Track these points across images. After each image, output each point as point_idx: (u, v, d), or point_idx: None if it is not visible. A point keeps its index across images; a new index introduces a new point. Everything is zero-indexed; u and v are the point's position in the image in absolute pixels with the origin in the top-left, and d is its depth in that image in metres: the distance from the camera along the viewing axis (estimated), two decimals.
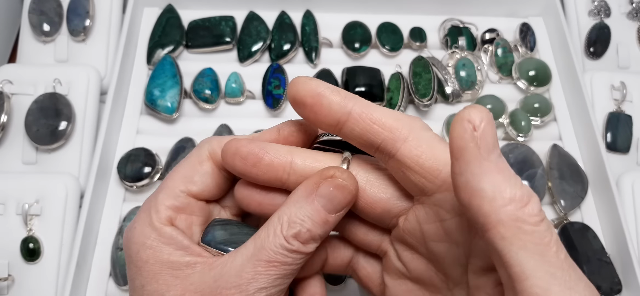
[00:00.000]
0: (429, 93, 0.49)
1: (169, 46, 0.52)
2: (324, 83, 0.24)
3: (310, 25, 0.54)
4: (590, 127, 0.48)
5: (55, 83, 0.49)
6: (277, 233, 0.24)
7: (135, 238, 0.25)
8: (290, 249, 0.24)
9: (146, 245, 0.25)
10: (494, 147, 0.19)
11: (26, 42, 0.53)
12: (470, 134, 0.19)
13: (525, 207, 0.19)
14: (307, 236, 0.24)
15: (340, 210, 0.24)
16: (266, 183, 0.25)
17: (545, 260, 0.18)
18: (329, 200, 0.24)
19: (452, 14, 0.57)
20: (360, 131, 0.23)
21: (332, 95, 0.23)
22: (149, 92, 0.49)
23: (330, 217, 0.24)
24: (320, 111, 0.23)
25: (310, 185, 0.24)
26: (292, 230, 0.24)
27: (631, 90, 0.52)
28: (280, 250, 0.23)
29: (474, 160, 0.19)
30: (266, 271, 0.23)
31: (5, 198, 0.44)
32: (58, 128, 0.47)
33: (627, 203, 0.46)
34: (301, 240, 0.24)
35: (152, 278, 0.24)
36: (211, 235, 0.26)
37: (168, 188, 0.26)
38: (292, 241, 0.24)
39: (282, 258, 0.24)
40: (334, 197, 0.24)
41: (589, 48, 0.56)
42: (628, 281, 0.42)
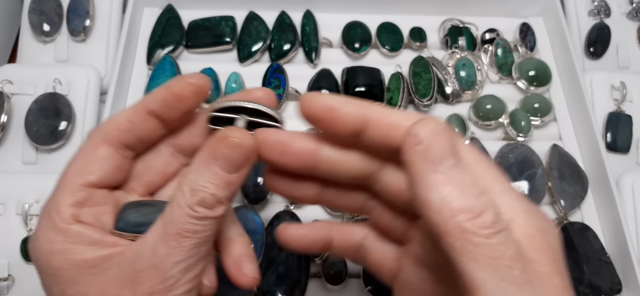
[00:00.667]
0: (429, 93, 0.49)
1: (169, 46, 0.52)
2: (333, 96, 0.24)
3: (310, 25, 0.54)
4: (590, 127, 0.48)
5: (55, 83, 0.49)
6: (181, 204, 0.23)
7: (41, 246, 0.24)
8: (197, 216, 0.23)
9: (55, 251, 0.24)
10: (444, 157, 0.20)
11: (26, 42, 0.53)
12: (414, 148, 0.20)
13: (476, 218, 0.19)
14: (212, 201, 0.23)
15: (240, 169, 0.24)
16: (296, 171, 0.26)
17: (497, 273, 0.18)
18: (227, 161, 0.24)
19: (452, 14, 0.57)
20: (380, 137, 0.23)
21: (345, 107, 0.23)
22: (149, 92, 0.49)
23: (232, 177, 0.24)
24: (336, 125, 0.24)
25: (207, 150, 0.24)
26: (195, 198, 0.23)
27: (631, 90, 0.52)
28: (189, 220, 0.23)
29: (420, 173, 0.20)
30: (179, 245, 0.23)
31: (5, 198, 0.44)
32: (58, 128, 0.47)
33: (627, 203, 0.46)
34: (207, 205, 0.23)
35: (71, 282, 0.24)
36: (124, 221, 0.25)
37: (65, 186, 0.25)
38: (198, 208, 0.23)
39: (192, 227, 0.23)
40: (231, 156, 0.24)
41: (589, 48, 0.56)
42: (628, 281, 0.42)
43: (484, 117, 0.50)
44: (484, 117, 0.50)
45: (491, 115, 0.50)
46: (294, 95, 0.51)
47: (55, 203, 0.25)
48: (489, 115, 0.50)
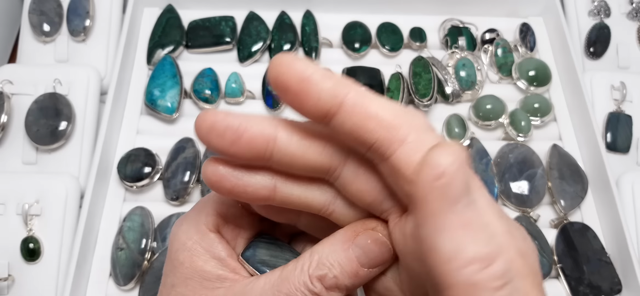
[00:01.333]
0: (429, 93, 0.49)
1: (169, 46, 0.52)
2: (312, 64, 0.19)
3: (310, 25, 0.54)
4: (590, 127, 0.48)
5: (55, 83, 0.49)
6: (304, 269, 0.22)
7: (179, 235, 0.24)
8: (311, 290, 0.22)
9: (186, 247, 0.24)
10: (463, 194, 0.17)
11: (26, 42, 0.53)
12: (434, 184, 0.16)
13: (487, 267, 0.16)
14: (332, 283, 0.22)
15: (374, 267, 0.22)
16: (247, 162, 0.21)
17: None
18: (364, 253, 0.22)
19: (452, 14, 0.57)
20: (351, 126, 0.19)
21: (322, 82, 0.19)
22: (149, 92, 0.49)
23: (361, 270, 0.22)
24: (307, 100, 0.19)
25: (350, 232, 0.22)
26: (318, 272, 0.22)
27: (631, 90, 0.52)
28: (301, 288, 0.22)
29: (436, 213, 0.17)
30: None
31: (5, 198, 0.44)
32: (58, 128, 0.47)
33: (627, 203, 0.46)
34: (325, 284, 0.22)
35: (183, 281, 0.24)
36: (252, 251, 0.25)
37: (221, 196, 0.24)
38: (316, 283, 0.22)
39: (301, 295, 0.22)
40: (371, 251, 0.22)
41: (589, 48, 0.56)
42: (628, 281, 0.42)
43: (484, 117, 0.50)
44: (484, 117, 0.50)
45: (491, 115, 0.50)
46: None
47: (208, 204, 0.25)
48: (489, 115, 0.50)
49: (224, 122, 0.20)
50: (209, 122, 0.20)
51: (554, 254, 0.44)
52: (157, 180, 0.46)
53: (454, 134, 0.49)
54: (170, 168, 0.46)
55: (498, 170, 0.47)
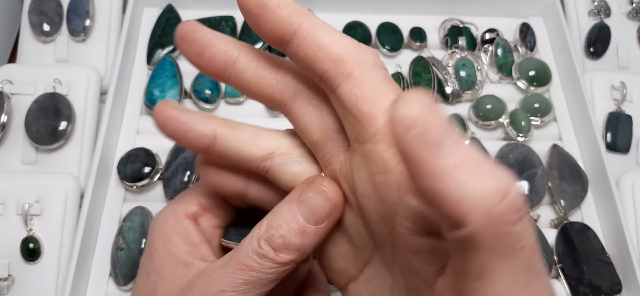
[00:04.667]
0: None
1: (169, 46, 0.52)
2: None
3: None
4: (590, 127, 0.48)
5: (55, 83, 0.49)
6: (253, 235, 0.22)
7: (158, 222, 0.25)
8: (260, 253, 0.22)
9: (162, 232, 0.25)
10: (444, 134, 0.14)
11: (26, 42, 0.53)
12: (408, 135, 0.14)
13: (503, 200, 0.14)
14: (279, 243, 0.22)
15: (320, 222, 0.22)
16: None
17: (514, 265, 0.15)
18: (308, 208, 0.22)
19: (452, 14, 0.57)
20: (303, 55, 0.20)
21: (278, 9, 0.20)
22: (149, 92, 0.49)
23: (308, 227, 0.22)
24: (263, 24, 0.20)
25: (296, 192, 0.22)
26: (266, 234, 0.22)
27: (631, 90, 0.52)
28: (251, 254, 0.22)
29: (424, 162, 0.15)
30: (232, 274, 0.22)
31: (5, 198, 0.44)
32: (58, 128, 0.47)
33: (627, 203, 0.46)
34: (273, 245, 0.22)
35: (156, 269, 0.24)
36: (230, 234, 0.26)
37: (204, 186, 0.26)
38: (264, 244, 0.22)
39: (251, 261, 0.22)
40: (314, 205, 0.22)
41: (589, 48, 0.56)
42: (628, 281, 0.42)
43: (484, 117, 0.50)
44: (484, 117, 0.50)
45: (491, 115, 0.50)
46: None
47: (189, 193, 0.26)
48: (489, 115, 0.50)
49: (195, 33, 0.22)
50: (183, 31, 0.22)
51: (554, 254, 0.44)
52: (157, 180, 0.46)
53: None
54: (170, 168, 0.46)
55: None
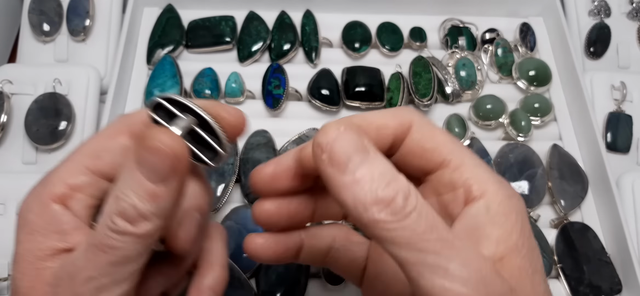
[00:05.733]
0: (429, 93, 0.49)
1: (169, 46, 0.52)
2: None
3: (310, 25, 0.54)
4: (590, 127, 0.48)
5: (55, 83, 0.49)
6: (105, 212, 0.20)
7: (22, 210, 0.23)
8: (116, 230, 0.20)
9: (27, 221, 0.23)
10: (349, 157, 0.20)
11: (26, 42, 0.53)
12: (321, 158, 0.20)
13: (387, 206, 0.19)
14: (133, 214, 0.20)
15: (165, 180, 0.20)
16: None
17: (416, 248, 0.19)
18: (149, 169, 0.20)
19: (452, 14, 0.57)
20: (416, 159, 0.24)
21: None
22: (149, 92, 0.49)
23: (157, 189, 0.20)
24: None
25: (134, 152, 0.20)
26: (117, 208, 0.20)
27: (631, 90, 0.52)
28: (107, 232, 0.20)
29: (331, 178, 0.20)
30: (95, 258, 0.20)
31: (5, 198, 0.44)
32: (58, 128, 0.47)
33: (627, 203, 0.46)
34: (127, 218, 0.20)
35: (18, 263, 0.22)
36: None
37: (71, 162, 0.24)
38: (117, 220, 0.20)
39: (109, 241, 0.20)
40: (153, 164, 0.20)
41: (589, 48, 0.56)
42: (628, 281, 0.42)
43: (484, 117, 0.50)
44: (484, 117, 0.50)
45: (491, 115, 0.50)
46: (294, 95, 0.51)
47: (54, 173, 0.24)
48: (489, 115, 0.50)
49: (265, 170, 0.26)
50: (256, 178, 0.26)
51: (554, 254, 0.44)
52: None
53: (454, 134, 0.49)
54: None
55: (498, 170, 0.47)
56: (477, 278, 0.18)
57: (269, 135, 0.47)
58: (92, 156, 0.23)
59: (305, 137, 0.47)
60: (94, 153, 0.24)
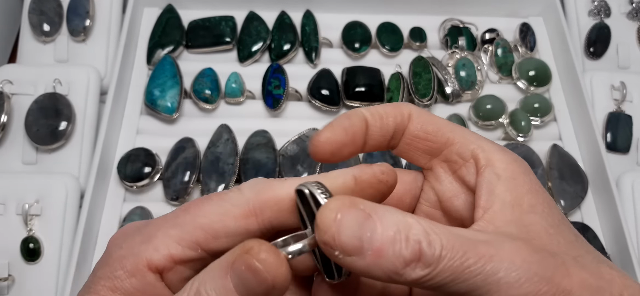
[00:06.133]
0: (429, 93, 0.49)
1: (169, 46, 0.52)
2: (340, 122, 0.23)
3: (310, 25, 0.54)
4: (590, 127, 0.48)
5: (55, 83, 0.49)
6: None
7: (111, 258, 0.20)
8: None
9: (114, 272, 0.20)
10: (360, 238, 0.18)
11: (26, 42, 0.53)
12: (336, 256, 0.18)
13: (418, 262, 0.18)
14: None
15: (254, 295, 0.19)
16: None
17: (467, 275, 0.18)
18: (241, 281, 0.19)
19: (452, 14, 0.57)
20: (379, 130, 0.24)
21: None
22: (149, 92, 0.49)
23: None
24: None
25: (229, 257, 0.19)
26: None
27: (631, 90, 0.52)
28: None
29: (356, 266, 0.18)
30: None
31: (5, 198, 0.44)
32: (58, 128, 0.47)
33: (627, 203, 0.46)
34: None
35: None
36: None
37: (184, 227, 0.21)
38: None
39: None
40: (247, 279, 0.19)
41: (589, 48, 0.56)
42: None
43: (484, 117, 0.50)
44: (484, 117, 0.50)
45: (491, 115, 0.50)
46: (294, 95, 0.51)
47: (161, 233, 0.21)
48: (489, 115, 0.50)
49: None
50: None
51: None
52: (157, 180, 0.46)
53: None
54: (170, 168, 0.46)
55: None
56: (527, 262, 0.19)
57: (269, 135, 0.47)
58: (209, 233, 0.21)
59: (305, 137, 0.47)
60: (212, 231, 0.21)
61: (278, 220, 0.21)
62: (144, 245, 0.20)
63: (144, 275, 0.20)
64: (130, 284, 0.20)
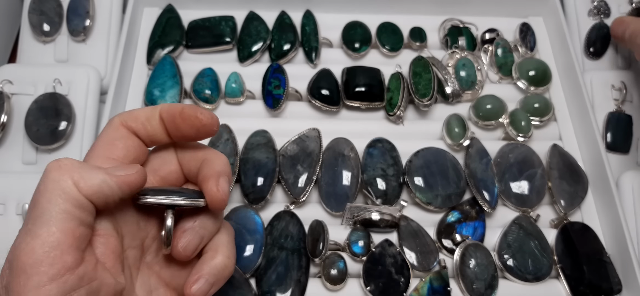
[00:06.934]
0: (429, 93, 0.49)
1: (169, 46, 0.52)
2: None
3: (310, 25, 0.54)
4: (590, 127, 0.48)
5: (55, 84, 0.49)
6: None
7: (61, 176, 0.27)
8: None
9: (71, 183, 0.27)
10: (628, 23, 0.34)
11: (26, 42, 0.53)
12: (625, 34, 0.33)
13: None
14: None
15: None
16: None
17: None
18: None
19: (452, 14, 0.57)
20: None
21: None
22: (149, 92, 0.49)
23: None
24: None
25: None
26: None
27: (631, 90, 0.52)
28: None
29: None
30: None
31: (5, 198, 0.44)
32: (58, 128, 0.47)
33: (627, 203, 0.46)
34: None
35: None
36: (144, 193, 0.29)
37: (93, 157, 0.29)
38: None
39: None
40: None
41: (588, 48, 0.56)
42: (628, 281, 0.42)
43: (484, 117, 0.50)
44: (484, 117, 0.50)
45: (491, 115, 0.50)
46: (294, 95, 0.51)
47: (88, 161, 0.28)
48: (489, 115, 0.50)
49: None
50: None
51: (554, 254, 0.44)
52: None
53: (454, 134, 0.49)
54: None
55: (498, 170, 0.47)
56: None
57: (269, 135, 0.47)
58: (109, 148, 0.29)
59: (305, 137, 0.47)
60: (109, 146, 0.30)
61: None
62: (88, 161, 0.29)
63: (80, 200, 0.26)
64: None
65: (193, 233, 0.29)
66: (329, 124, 0.49)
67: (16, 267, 0.23)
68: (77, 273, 0.24)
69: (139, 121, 0.30)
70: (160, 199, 0.28)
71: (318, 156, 0.46)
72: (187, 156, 0.31)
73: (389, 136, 0.48)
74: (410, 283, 0.42)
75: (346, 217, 0.44)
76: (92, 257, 0.26)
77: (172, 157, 0.31)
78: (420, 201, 0.45)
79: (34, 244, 0.24)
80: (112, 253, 0.27)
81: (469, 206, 0.46)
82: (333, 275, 0.42)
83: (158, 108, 0.30)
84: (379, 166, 0.46)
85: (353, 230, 0.43)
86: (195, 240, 0.29)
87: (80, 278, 0.24)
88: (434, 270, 0.43)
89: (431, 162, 0.47)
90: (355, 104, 0.50)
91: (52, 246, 0.24)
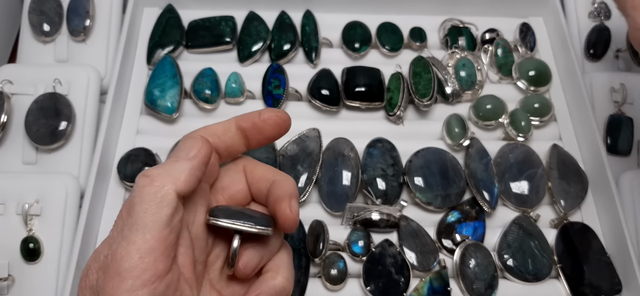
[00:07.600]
0: (429, 93, 0.49)
1: (169, 46, 0.52)
2: None
3: (310, 25, 0.54)
4: (590, 127, 0.48)
5: (55, 83, 0.49)
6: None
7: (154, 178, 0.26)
8: None
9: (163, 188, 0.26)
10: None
11: (26, 42, 0.53)
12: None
13: None
14: None
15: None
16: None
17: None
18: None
19: (452, 14, 0.57)
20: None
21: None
22: (149, 92, 0.49)
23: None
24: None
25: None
26: None
27: (631, 92, 0.52)
28: None
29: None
30: None
31: (5, 198, 0.44)
32: (58, 128, 0.47)
33: (627, 203, 0.46)
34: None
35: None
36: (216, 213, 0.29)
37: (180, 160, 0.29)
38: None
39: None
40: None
41: (588, 50, 0.56)
42: (628, 281, 0.42)
43: (484, 117, 0.50)
44: (484, 117, 0.50)
45: (491, 115, 0.50)
46: (294, 95, 0.51)
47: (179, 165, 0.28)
48: (489, 115, 0.50)
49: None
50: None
51: (554, 254, 0.44)
52: None
53: (454, 134, 0.49)
54: None
55: (498, 170, 0.47)
56: None
57: None
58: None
59: (305, 137, 0.47)
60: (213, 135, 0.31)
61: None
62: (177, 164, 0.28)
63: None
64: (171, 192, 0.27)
65: (254, 252, 0.29)
66: (329, 124, 0.49)
67: (112, 270, 0.24)
68: (165, 281, 0.25)
69: (216, 135, 0.30)
70: (231, 224, 0.28)
71: (318, 156, 0.46)
72: (257, 176, 0.32)
73: (389, 136, 0.48)
74: (410, 283, 0.42)
75: (346, 217, 0.44)
76: (176, 267, 0.26)
77: (241, 177, 0.32)
78: (420, 201, 0.45)
79: (130, 249, 0.24)
80: (190, 264, 0.28)
81: (469, 206, 0.46)
82: (333, 275, 0.42)
83: (232, 120, 0.31)
84: (379, 166, 0.46)
85: (353, 230, 0.43)
86: (255, 258, 0.29)
87: (167, 286, 0.25)
88: (434, 270, 0.43)
89: (431, 162, 0.47)
90: (355, 104, 0.50)
91: (147, 253, 0.24)
